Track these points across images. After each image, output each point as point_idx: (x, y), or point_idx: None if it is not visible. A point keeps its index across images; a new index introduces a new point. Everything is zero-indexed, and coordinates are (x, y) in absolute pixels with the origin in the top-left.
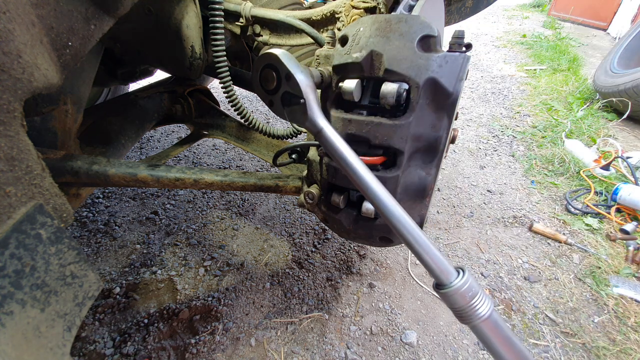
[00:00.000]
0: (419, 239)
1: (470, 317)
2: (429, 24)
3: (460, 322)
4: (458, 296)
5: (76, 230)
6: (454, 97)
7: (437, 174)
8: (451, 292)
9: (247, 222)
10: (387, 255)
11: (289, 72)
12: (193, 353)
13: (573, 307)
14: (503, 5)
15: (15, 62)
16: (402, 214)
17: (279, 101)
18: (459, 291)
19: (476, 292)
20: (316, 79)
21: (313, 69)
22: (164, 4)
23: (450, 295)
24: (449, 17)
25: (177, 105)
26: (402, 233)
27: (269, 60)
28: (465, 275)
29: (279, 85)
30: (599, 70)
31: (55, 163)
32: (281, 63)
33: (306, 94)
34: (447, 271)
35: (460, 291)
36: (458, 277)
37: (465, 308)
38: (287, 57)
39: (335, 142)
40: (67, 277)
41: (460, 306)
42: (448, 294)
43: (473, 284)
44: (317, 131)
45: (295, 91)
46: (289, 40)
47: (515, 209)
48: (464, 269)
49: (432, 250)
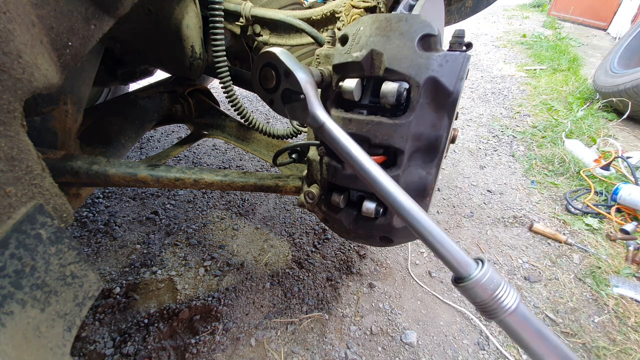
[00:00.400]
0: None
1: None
2: (429, 23)
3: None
4: (479, 289)
5: (76, 230)
6: (454, 97)
7: (437, 173)
8: (471, 285)
9: (247, 222)
10: (387, 255)
11: (288, 69)
12: (193, 353)
13: (573, 307)
14: (503, 5)
15: (16, 62)
16: (413, 206)
17: (279, 99)
18: (479, 283)
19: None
20: (316, 77)
21: (313, 68)
22: (164, 4)
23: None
24: (449, 17)
25: (177, 105)
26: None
27: (267, 59)
28: (485, 265)
29: (279, 83)
30: (599, 70)
31: (55, 163)
32: (279, 61)
33: (306, 90)
34: (466, 263)
35: (481, 283)
36: (477, 268)
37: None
38: (285, 54)
39: (339, 135)
40: (67, 277)
41: (482, 300)
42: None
43: (494, 275)
44: (319, 126)
45: (295, 87)
46: (289, 40)
47: (516, 209)
48: (483, 259)
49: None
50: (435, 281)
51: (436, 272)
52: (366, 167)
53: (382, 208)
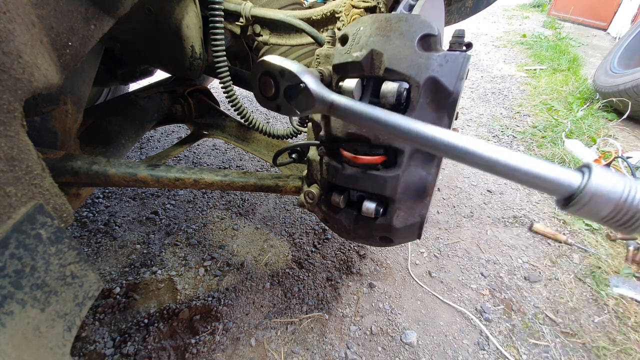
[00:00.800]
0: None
1: (635, 218)
2: (429, 23)
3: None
4: (600, 199)
5: (76, 230)
6: (454, 96)
7: (437, 173)
8: (585, 199)
9: (247, 222)
10: (387, 255)
11: (281, 68)
12: (193, 353)
13: (573, 307)
14: (503, 5)
15: (16, 62)
16: (469, 141)
17: (283, 100)
18: (597, 193)
19: (619, 182)
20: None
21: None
22: (164, 4)
23: (589, 205)
24: (449, 17)
25: (177, 105)
26: (481, 162)
27: (260, 68)
28: (594, 169)
29: (278, 86)
30: (599, 70)
31: (55, 163)
32: (271, 64)
33: (303, 77)
34: (567, 176)
35: (598, 191)
36: (585, 176)
37: (621, 209)
38: (273, 57)
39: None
40: (67, 277)
41: (610, 212)
42: (582, 203)
43: (609, 175)
44: (329, 104)
45: (293, 80)
46: (289, 40)
47: (516, 209)
48: (589, 165)
49: (531, 162)
50: (435, 281)
51: (436, 272)
52: (397, 122)
53: (382, 208)
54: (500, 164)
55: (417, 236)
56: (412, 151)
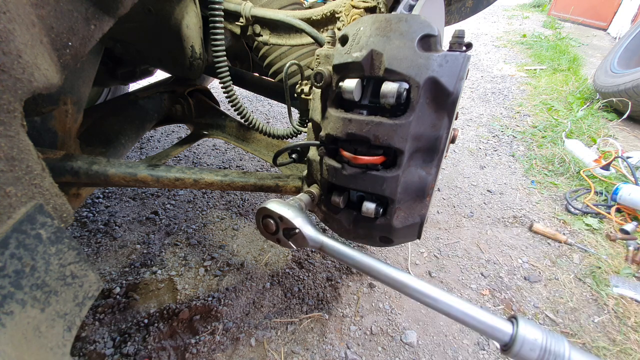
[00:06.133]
0: (461, 307)
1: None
2: (429, 24)
3: None
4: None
5: (76, 230)
6: (454, 97)
7: (437, 173)
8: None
9: (247, 222)
10: (387, 255)
11: (279, 215)
12: (193, 353)
13: (573, 307)
14: (503, 5)
15: (16, 62)
16: (433, 290)
17: (282, 237)
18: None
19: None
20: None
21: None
22: (164, 4)
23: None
24: (449, 17)
25: (177, 105)
26: (440, 307)
27: (263, 213)
28: (520, 320)
29: (278, 226)
30: (599, 70)
31: (55, 163)
32: (272, 211)
33: (298, 224)
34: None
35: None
36: (514, 326)
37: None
38: (274, 204)
39: (340, 248)
40: (67, 277)
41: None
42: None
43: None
44: (319, 246)
45: (290, 225)
46: (289, 40)
47: (516, 209)
48: (515, 316)
49: (476, 311)
50: (435, 281)
51: (436, 272)
52: (376, 266)
53: (382, 208)
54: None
55: (417, 236)
56: (412, 152)
